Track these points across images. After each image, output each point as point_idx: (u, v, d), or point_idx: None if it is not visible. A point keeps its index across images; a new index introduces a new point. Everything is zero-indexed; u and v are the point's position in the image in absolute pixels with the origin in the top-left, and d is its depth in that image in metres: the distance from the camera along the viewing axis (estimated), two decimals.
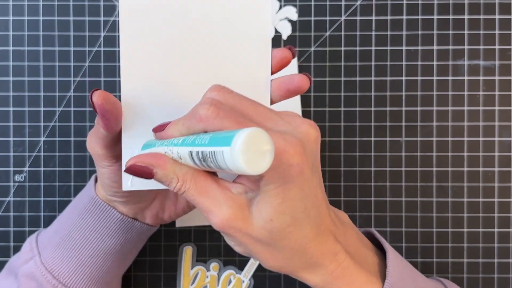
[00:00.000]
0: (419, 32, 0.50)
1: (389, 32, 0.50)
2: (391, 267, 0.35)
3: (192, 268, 0.50)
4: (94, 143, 0.35)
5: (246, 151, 0.24)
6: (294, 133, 0.29)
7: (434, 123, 0.50)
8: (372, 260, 0.36)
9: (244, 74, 0.35)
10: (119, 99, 0.33)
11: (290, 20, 0.50)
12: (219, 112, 0.28)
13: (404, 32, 0.50)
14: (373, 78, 0.50)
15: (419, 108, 0.50)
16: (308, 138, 0.29)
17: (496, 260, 0.50)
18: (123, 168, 0.33)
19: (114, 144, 0.34)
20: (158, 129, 0.32)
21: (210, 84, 0.33)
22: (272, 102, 0.35)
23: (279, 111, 0.31)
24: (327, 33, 0.50)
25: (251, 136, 0.24)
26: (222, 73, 0.35)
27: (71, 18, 0.50)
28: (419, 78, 0.50)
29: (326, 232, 0.32)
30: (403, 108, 0.50)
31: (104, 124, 0.32)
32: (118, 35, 0.32)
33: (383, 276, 0.35)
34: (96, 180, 0.42)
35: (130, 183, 0.35)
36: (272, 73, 0.35)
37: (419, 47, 0.50)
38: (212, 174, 0.31)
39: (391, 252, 0.36)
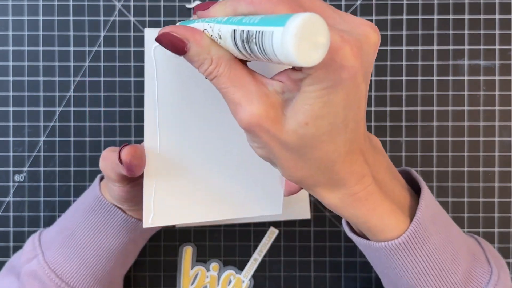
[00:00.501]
0: (419, 32, 0.50)
1: (389, 32, 0.50)
2: (423, 205, 0.32)
3: (192, 268, 0.50)
4: (110, 170, 0.35)
5: (300, 36, 0.21)
6: (353, 33, 0.26)
7: (434, 123, 0.50)
8: (400, 193, 0.33)
9: None
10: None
11: None
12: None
13: (404, 32, 0.50)
14: (373, 78, 0.50)
15: (419, 108, 0.50)
16: (367, 41, 0.26)
17: None
18: (145, 199, 0.34)
19: None
20: (201, 8, 0.29)
21: (225, 130, 0.34)
22: None
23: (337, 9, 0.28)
24: None
25: (309, 21, 0.22)
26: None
27: (71, 18, 0.50)
28: (419, 78, 0.50)
29: (357, 151, 0.29)
30: (403, 108, 0.50)
31: (129, 174, 0.33)
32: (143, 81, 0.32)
33: (411, 214, 0.33)
34: (101, 180, 0.42)
35: (151, 219, 0.35)
36: None
37: (419, 47, 0.50)
38: (248, 67, 0.28)
39: (426, 191, 0.34)
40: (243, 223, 0.51)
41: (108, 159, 0.35)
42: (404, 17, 0.50)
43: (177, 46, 0.27)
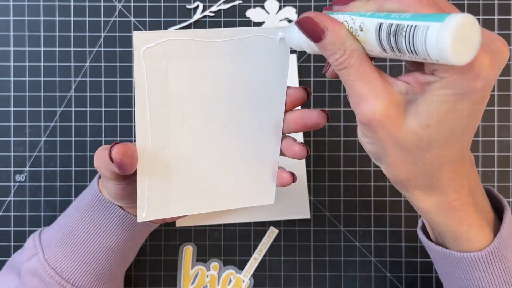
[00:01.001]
0: None
1: None
2: (507, 222, 0.33)
3: (192, 268, 0.50)
4: (103, 168, 0.36)
5: (457, 33, 0.22)
6: (489, 45, 0.27)
7: None
8: (487, 208, 0.34)
9: (260, 110, 0.37)
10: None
11: (290, 21, 0.50)
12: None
13: None
14: None
15: None
16: (500, 56, 0.27)
17: None
18: (138, 193, 0.35)
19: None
20: (340, 2, 0.30)
21: (224, 120, 0.36)
22: (284, 133, 0.37)
23: None
24: None
25: (466, 21, 0.23)
26: (238, 111, 0.36)
27: (72, 19, 0.51)
28: None
29: (463, 161, 0.30)
30: None
31: (120, 172, 0.34)
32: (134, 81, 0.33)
33: (494, 230, 0.34)
34: (100, 177, 0.42)
35: (145, 213, 0.36)
36: (286, 110, 0.37)
37: None
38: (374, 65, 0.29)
39: (509, 210, 0.35)
40: (243, 223, 0.51)
41: (101, 157, 0.36)
42: None
43: (315, 32, 0.28)
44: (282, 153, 0.38)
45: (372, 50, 0.28)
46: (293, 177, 0.38)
